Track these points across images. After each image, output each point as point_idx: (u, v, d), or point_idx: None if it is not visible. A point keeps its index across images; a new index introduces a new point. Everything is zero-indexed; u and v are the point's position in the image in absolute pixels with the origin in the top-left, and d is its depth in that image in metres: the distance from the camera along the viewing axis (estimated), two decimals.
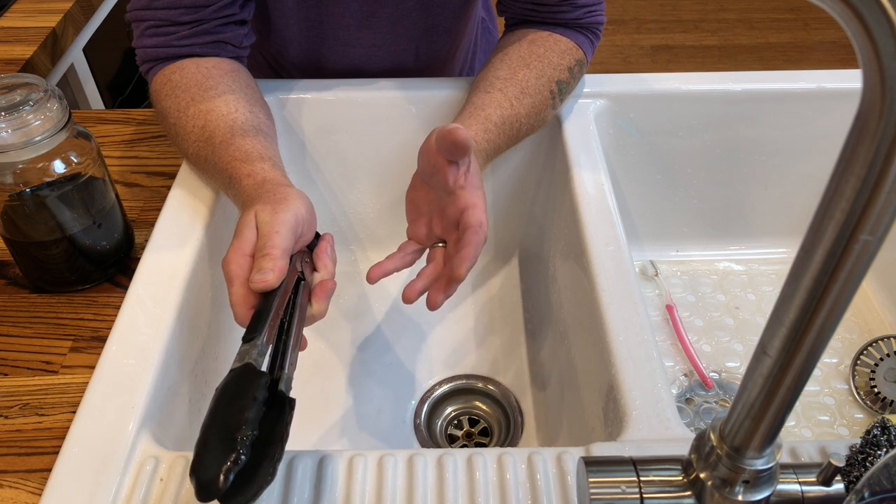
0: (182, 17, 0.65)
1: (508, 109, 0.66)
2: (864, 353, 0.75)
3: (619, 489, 0.37)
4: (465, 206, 0.55)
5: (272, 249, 0.48)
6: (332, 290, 0.52)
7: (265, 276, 0.47)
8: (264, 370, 0.43)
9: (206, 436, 0.38)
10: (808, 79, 0.80)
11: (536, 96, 0.68)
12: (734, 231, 0.89)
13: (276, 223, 0.50)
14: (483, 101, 0.66)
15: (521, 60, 0.69)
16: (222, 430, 0.38)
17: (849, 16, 0.22)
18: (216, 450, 0.37)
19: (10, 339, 0.58)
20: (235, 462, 0.36)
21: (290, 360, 0.45)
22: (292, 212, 0.51)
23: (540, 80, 0.68)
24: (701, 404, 0.74)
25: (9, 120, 0.52)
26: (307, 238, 0.54)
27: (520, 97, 0.67)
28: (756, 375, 0.32)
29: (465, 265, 0.53)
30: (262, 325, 0.45)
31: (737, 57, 2.65)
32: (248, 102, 0.64)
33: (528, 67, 0.69)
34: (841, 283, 0.27)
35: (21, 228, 0.58)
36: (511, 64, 0.69)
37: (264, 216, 0.51)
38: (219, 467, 0.36)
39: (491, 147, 0.65)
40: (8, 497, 0.47)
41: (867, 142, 0.24)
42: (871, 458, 0.38)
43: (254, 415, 0.39)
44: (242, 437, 0.37)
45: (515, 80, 0.68)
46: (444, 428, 0.73)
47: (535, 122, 0.70)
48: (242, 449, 0.37)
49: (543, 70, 0.69)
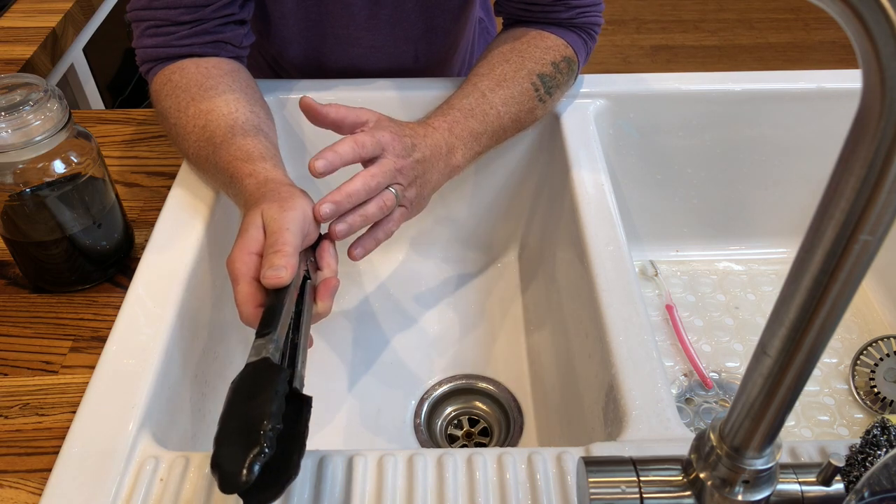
0: (182, 16, 0.65)
1: (479, 98, 0.67)
2: (864, 353, 0.75)
3: (619, 489, 0.37)
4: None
5: (284, 246, 0.48)
6: (336, 288, 0.52)
7: (278, 272, 0.47)
8: (283, 366, 0.42)
9: (226, 428, 0.37)
10: (808, 79, 0.80)
11: (514, 87, 0.68)
12: (734, 231, 0.89)
13: (286, 220, 0.50)
14: (454, 94, 0.68)
15: (501, 56, 0.70)
16: (245, 422, 0.37)
17: (849, 16, 0.22)
18: (239, 442, 0.36)
19: (10, 339, 0.58)
20: (260, 454, 0.35)
21: (302, 358, 0.45)
22: (300, 210, 0.51)
23: (518, 72, 0.69)
24: (701, 404, 0.74)
25: (9, 120, 0.52)
26: (312, 237, 0.54)
27: (494, 88, 0.68)
28: (756, 375, 0.32)
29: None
30: (275, 321, 0.44)
31: (737, 57, 2.65)
32: (248, 102, 0.64)
33: (506, 62, 0.70)
34: (841, 283, 0.27)
35: (21, 228, 0.58)
36: (491, 61, 0.70)
37: (272, 214, 0.51)
38: (244, 459, 0.35)
39: (456, 128, 0.65)
40: (8, 497, 0.47)
41: (867, 142, 0.24)
42: (871, 458, 0.38)
43: (276, 408, 0.38)
44: (267, 430, 0.36)
45: (492, 74, 0.69)
46: (444, 428, 0.73)
47: (518, 113, 0.69)
48: (267, 442, 0.36)
49: (522, 63, 0.69)
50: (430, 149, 0.61)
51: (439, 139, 0.63)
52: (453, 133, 0.64)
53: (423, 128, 0.63)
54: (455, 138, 0.64)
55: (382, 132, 0.58)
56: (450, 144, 0.64)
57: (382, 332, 0.81)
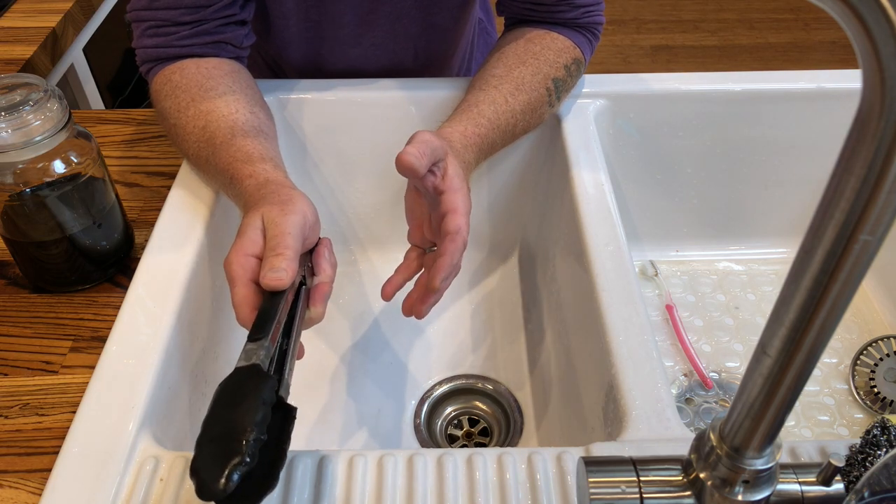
0: (183, 17, 0.65)
1: (503, 105, 0.66)
2: (864, 353, 0.75)
3: (619, 489, 0.37)
4: (445, 212, 0.54)
5: (285, 250, 0.48)
6: (329, 294, 0.52)
7: (279, 274, 0.46)
8: (271, 373, 0.42)
9: (208, 434, 0.37)
10: (808, 79, 0.80)
11: (532, 93, 0.68)
12: (734, 231, 0.89)
13: (287, 224, 0.50)
14: (477, 99, 0.66)
15: (517, 58, 0.69)
16: (228, 429, 0.37)
17: (849, 16, 0.22)
18: (220, 450, 0.36)
19: (10, 339, 0.58)
20: (240, 464, 0.35)
21: (290, 365, 0.45)
22: (301, 213, 0.51)
23: (536, 77, 0.69)
24: (701, 404, 0.74)
25: (9, 120, 0.52)
26: (311, 242, 0.53)
27: (514, 93, 0.67)
28: (756, 375, 0.32)
29: (439, 275, 0.53)
30: (268, 326, 0.44)
31: (737, 57, 2.65)
32: (248, 103, 0.64)
33: (524, 65, 0.69)
34: (841, 283, 0.27)
35: (21, 228, 0.58)
36: (507, 62, 0.69)
37: (272, 217, 0.50)
38: (223, 468, 0.35)
39: (484, 143, 0.65)
40: (8, 497, 0.47)
41: (867, 142, 0.24)
42: (871, 458, 0.38)
43: (261, 417, 0.37)
44: (249, 440, 0.36)
45: (511, 77, 0.68)
46: (444, 428, 0.73)
47: (531, 119, 0.69)
48: (249, 451, 0.35)
49: (539, 67, 0.69)
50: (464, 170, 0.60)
51: (471, 159, 0.62)
52: (482, 149, 0.64)
53: (461, 142, 0.62)
54: (480, 152, 0.64)
55: (463, 187, 0.57)
56: (477, 160, 0.64)
57: (382, 332, 0.81)
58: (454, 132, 0.62)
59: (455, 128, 0.63)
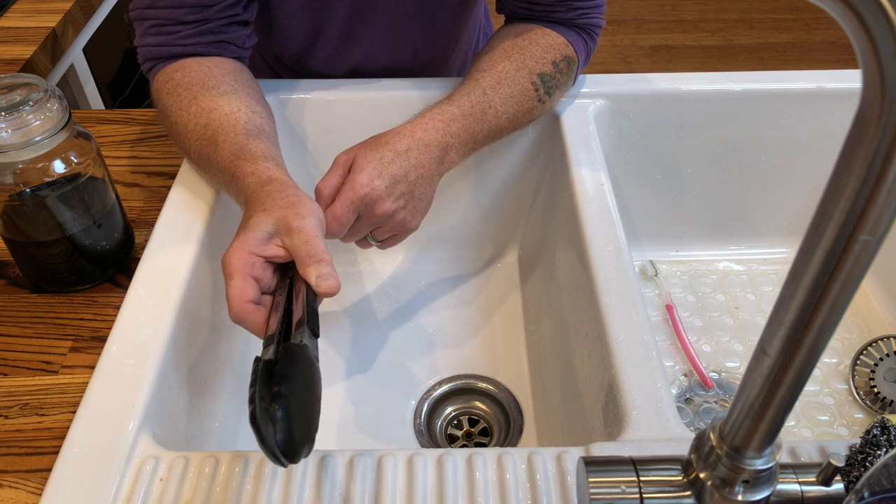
0: (186, 16, 0.65)
1: (479, 96, 0.67)
2: (864, 353, 0.75)
3: (619, 489, 0.37)
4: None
5: (324, 255, 0.50)
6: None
7: (332, 282, 0.49)
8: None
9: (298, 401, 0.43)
10: (808, 79, 0.80)
11: (515, 86, 0.68)
12: (734, 231, 0.89)
13: (311, 229, 0.51)
14: (456, 90, 0.68)
15: (502, 52, 0.70)
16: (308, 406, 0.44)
17: (849, 16, 0.22)
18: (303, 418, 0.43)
19: (10, 339, 0.58)
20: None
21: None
22: (315, 216, 0.52)
23: (520, 71, 0.69)
24: (701, 404, 0.74)
25: (9, 120, 0.52)
26: None
27: (495, 86, 0.67)
28: (756, 375, 0.32)
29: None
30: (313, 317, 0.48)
31: (737, 57, 2.65)
32: (250, 102, 0.64)
33: (508, 59, 0.69)
34: (841, 283, 0.27)
35: (21, 228, 0.58)
36: (493, 56, 0.70)
37: (288, 221, 0.51)
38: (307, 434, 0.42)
39: (451, 127, 0.65)
40: (8, 497, 0.47)
41: (867, 142, 0.24)
42: (871, 458, 0.38)
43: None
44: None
45: (494, 70, 0.68)
46: (444, 428, 0.73)
47: (516, 113, 0.69)
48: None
49: (524, 62, 0.69)
50: (416, 167, 0.61)
51: (432, 139, 0.63)
52: (449, 132, 0.64)
53: (414, 127, 0.63)
54: (451, 137, 0.64)
55: (358, 176, 0.59)
56: (444, 144, 0.64)
57: (382, 332, 0.81)
58: (409, 124, 0.64)
59: (431, 112, 0.65)
